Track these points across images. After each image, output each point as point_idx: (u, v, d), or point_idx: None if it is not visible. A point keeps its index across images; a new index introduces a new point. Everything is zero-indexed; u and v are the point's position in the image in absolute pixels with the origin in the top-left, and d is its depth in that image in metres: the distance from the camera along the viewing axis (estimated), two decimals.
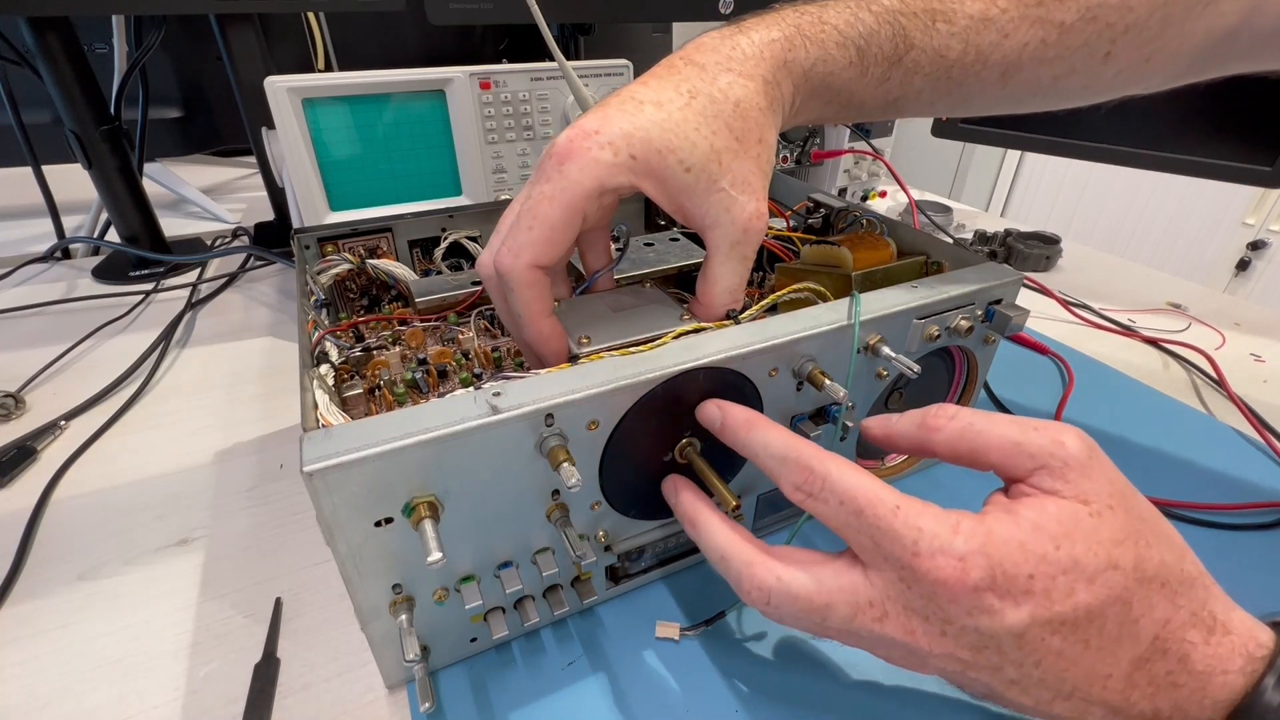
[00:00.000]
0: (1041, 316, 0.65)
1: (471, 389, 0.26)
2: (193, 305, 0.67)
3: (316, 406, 0.28)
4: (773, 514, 0.39)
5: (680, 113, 0.28)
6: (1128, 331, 0.63)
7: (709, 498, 0.30)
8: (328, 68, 0.81)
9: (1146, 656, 0.22)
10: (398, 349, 0.40)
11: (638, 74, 0.32)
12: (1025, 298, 0.67)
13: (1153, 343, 0.61)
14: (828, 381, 0.31)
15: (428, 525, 0.24)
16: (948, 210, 0.91)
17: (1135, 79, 0.33)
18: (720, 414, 0.29)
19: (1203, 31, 0.31)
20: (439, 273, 0.48)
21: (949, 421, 0.25)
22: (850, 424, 0.37)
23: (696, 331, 0.31)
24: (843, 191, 0.91)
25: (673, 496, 0.31)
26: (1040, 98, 0.34)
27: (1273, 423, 0.49)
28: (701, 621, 0.33)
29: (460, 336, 0.42)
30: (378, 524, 0.25)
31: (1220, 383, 0.54)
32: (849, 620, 0.23)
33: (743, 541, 0.27)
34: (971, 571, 0.21)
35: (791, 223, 0.50)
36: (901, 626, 0.23)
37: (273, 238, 0.80)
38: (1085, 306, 0.67)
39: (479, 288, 0.42)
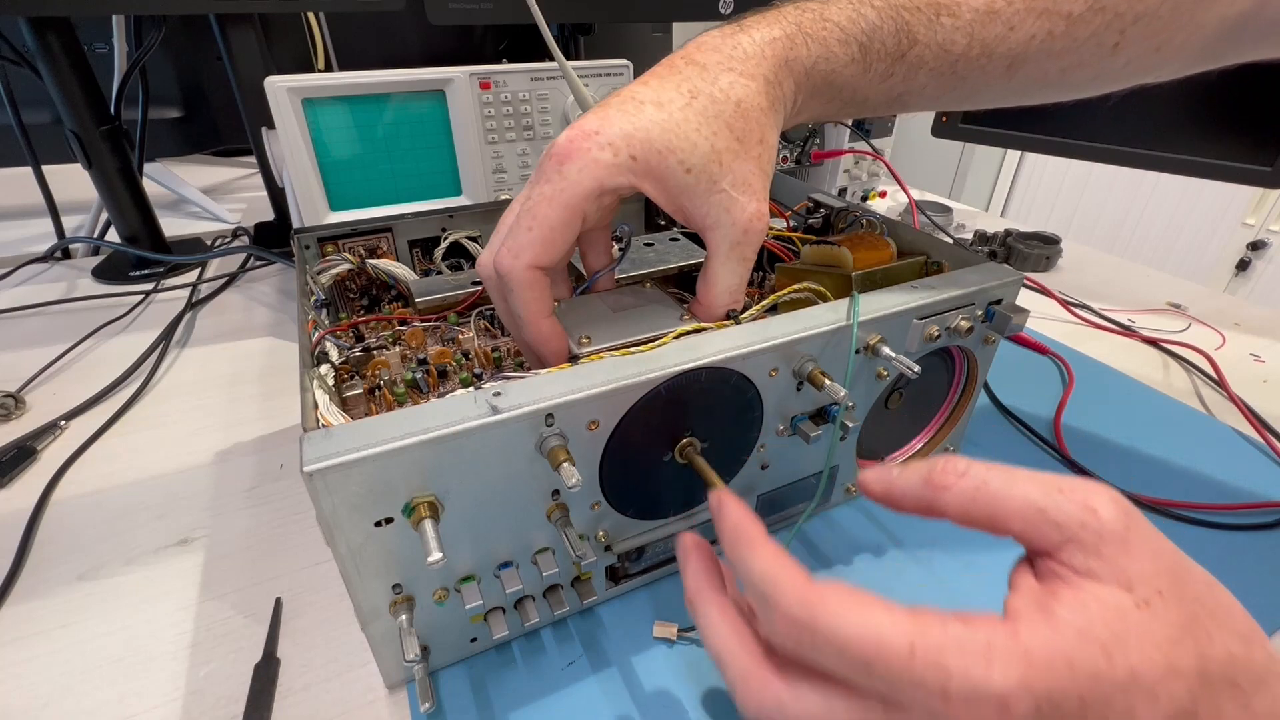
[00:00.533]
0: (1041, 316, 0.65)
1: (471, 389, 0.26)
2: (193, 305, 0.67)
3: (316, 406, 0.28)
4: (773, 514, 0.39)
5: (681, 113, 0.28)
6: (1127, 331, 0.63)
7: (719, 579, 0.25)
8: (328, 68, 0.81)
9: None
10: (398, 349, 0.40)
11: (638, 74, 0.32)
12: (1025, 298, 0.67)
13: (1153, 343, 0.61)
14: (828, 381, 0.31)
15: (428, 525, 0.24)
16: (948, 210, 0.91)
17: (1146, 69, 0.32)
18: (717, 509, 0.24)
19: (1215, 19, 0.30)
20: (439, 273, 0.48)
21: (959, 479, 0.21)
22: (850, 424, 0.37)
23: (697, 332, 0.31)
24: (843, 191, 0.91)
25: (682, 562, 0.26)
26: (1048, 89, 0.34)
27: (1273, 423, 0.49)
28: None
29: (460, 336, 0.42)
30: (378, 524, 0.25)
31: (1220, 383, 0.54)
32: None
33: (741, 649, 0.22)
34: (1015, 711, 0.17)
35: (791, 223, 0.50)
36: None
37: (273, 238, 0.80)
38: (1085, 306, 0.67)
39: (479, 288, 0.42)
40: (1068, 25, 0.30)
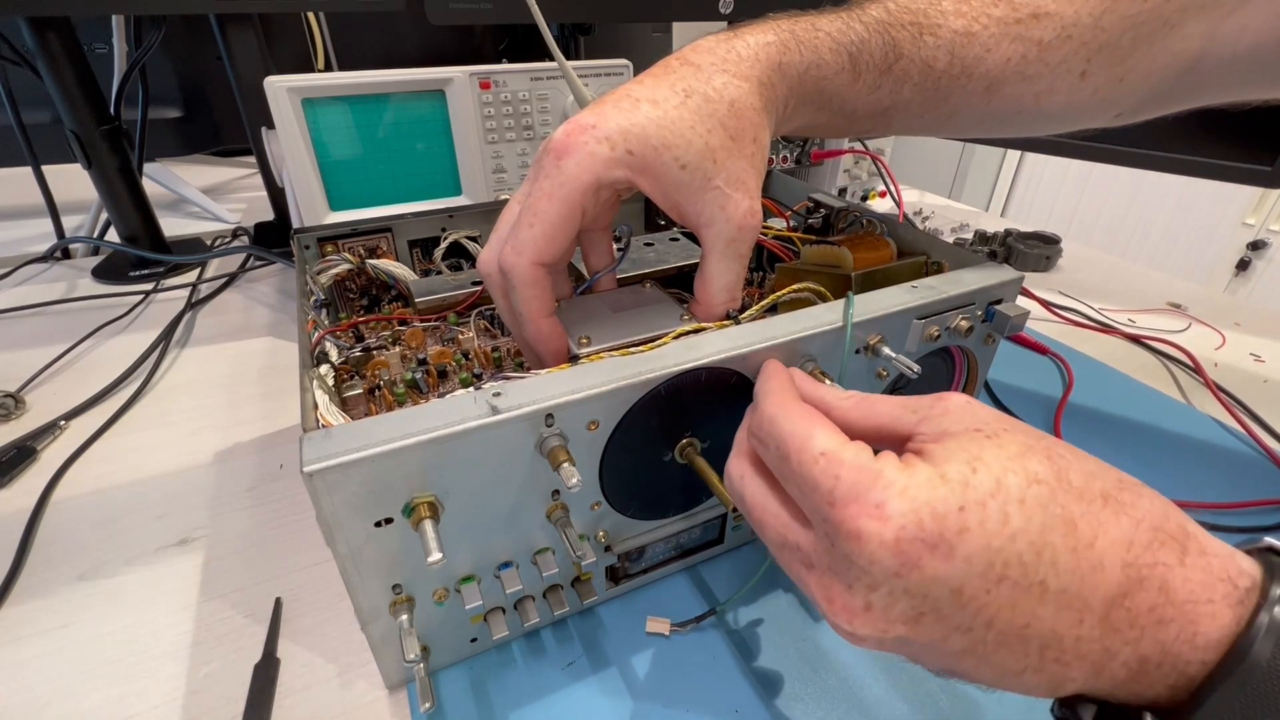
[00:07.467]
0: (1041, 317, 0.65)
1: (471, 389, 0.26)
2: (193, 305, 0.67)
3: (316, 406, 0.28)
4: None
5: (676, 111, 0.29)
6: (1106, 329, 0.63)
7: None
8: (328, 68, 0.81)
9: (1122, 591, 0.18)
10: (398, 349, 0.40)
11: (637, 74, 0.32)
12: (1023, 298, 0.66)
13: (1135, 340, 0.61)
14: (827, 382, 0.31)
15: (428, 525, 0.24)
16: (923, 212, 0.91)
17: (1111, 99, 0.34)
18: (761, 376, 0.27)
19: (1169, 55, 0.32)
20: (439, 273, 0.48)
21: (845, 398, 0.25)
22: None
23: (696, 332, 0.31)
24: (843, 191, 0.91)
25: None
26: (1024, 116, 0.35)
27: (1273, 423, 0.49)
28: (692, 619, 0.33)
29: (460, 336, 0.42)
30: (378, 524, 0.25)
31: (1205, 383, 0.54)
32: (778, 550, 0.23)
33: (740, 438, 0.26)
34: (891, 519, 0.18)
35: (791, 223, 0.50)
36: (821, 586, 0.21)
37: (273, 238, 0.80)
38: (1076, 310, 0.66)
39: (479, 288, 0.42)
40: (1040, 51, 0.32)
